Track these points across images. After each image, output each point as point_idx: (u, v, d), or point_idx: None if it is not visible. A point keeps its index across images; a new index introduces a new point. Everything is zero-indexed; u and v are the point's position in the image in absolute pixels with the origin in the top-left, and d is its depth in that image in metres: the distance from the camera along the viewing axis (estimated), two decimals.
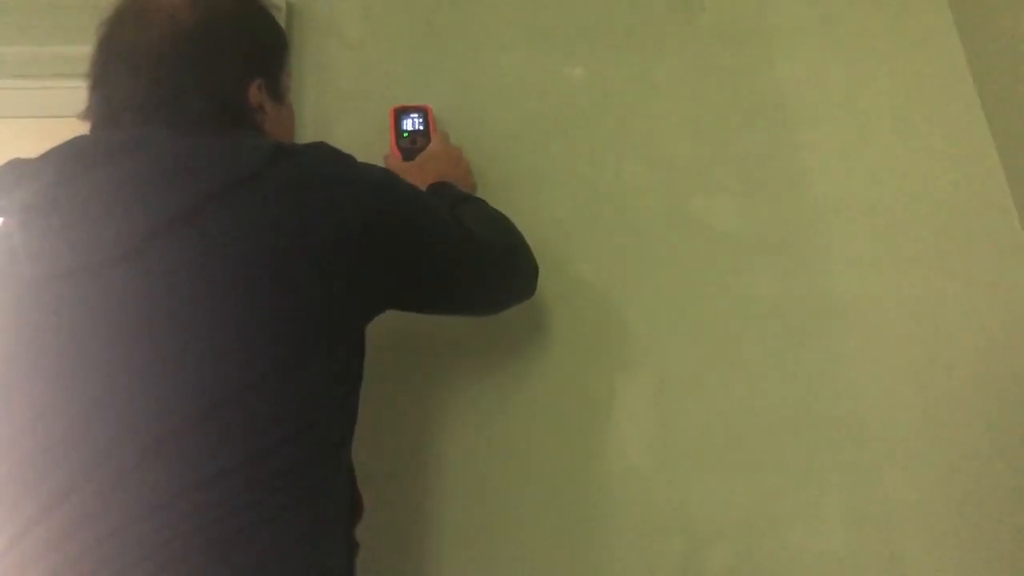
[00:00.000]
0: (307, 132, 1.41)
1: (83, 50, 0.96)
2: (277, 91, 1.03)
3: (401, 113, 1.38)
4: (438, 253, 0.97)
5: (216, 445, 0.76)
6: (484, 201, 1.21)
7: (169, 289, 0.78)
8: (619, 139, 1.46)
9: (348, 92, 1.48)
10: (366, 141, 1.37)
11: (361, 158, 0.93)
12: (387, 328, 1.05)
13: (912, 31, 1.57)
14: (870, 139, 1.49)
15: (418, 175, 1.22)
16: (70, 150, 0.86)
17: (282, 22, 1.33)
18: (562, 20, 1.54)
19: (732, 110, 1.50)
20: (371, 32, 1.52)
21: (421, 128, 1.37)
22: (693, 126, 1.48)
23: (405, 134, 1.36)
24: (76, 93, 0.96)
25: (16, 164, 0.87)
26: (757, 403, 1.31)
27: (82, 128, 0.94)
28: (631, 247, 1.39)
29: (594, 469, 1.27)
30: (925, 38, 1.56)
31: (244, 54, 0.99)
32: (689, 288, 1.37)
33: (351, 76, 1.50)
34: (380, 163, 1.22)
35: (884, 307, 1.38)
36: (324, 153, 0.90)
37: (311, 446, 0.81)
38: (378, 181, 0.91)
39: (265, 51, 1.04)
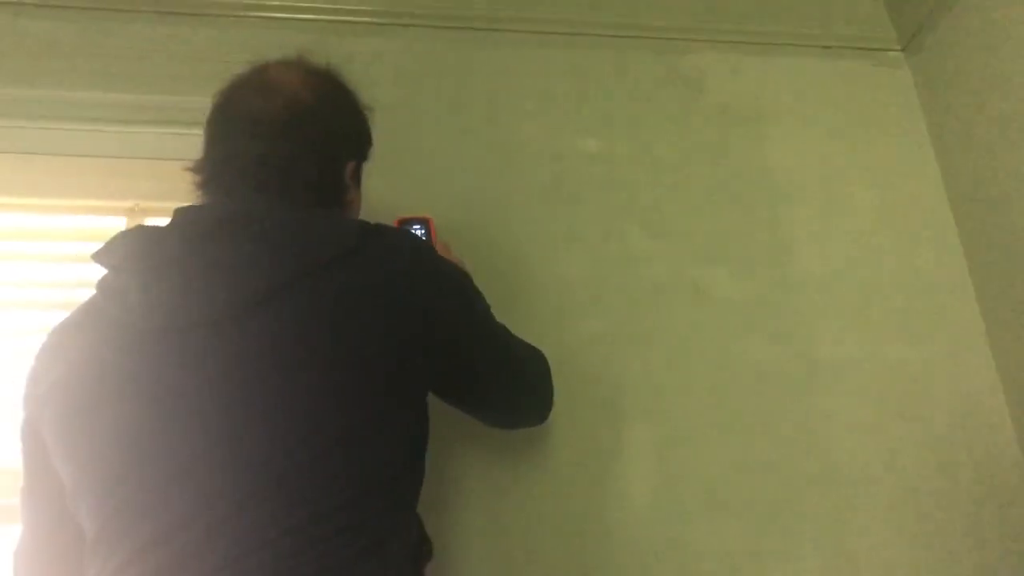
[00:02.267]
0: None
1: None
2: (359, 176, 1.16)
3: (404, 224, 1.34)
4: (490, 352, 1.10)
5: (311, 493, 0.86)
6: None
7: (277, 348, 0.89)
8: (626, 209, 1.61)
9: (377, 152, 1.60)
10: (392, 198, 1.48)
11: (385, 216, 1.05)
12: None
13: (886, 125, 1.76)
14: (846, 220, 1.66)
15: None
16: (194, 220, 0.97)
17: None
18: (578, 94, 1.69)
19: (726, 187, 1.66)
20: (402, 96, 1.64)
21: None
22: (692, 200, 1.64)
23: None
24: None
25: (144, 231, 0.98)
26: (747, 456, 1.45)
27: None
28: (635, 310, 1.53)
29: (599, 513, 1.39)
30: (898, 132, 1.75)
31: (347, 138, 1.13)
32: (689, 349, 1.52)
33: (380, 136, 1.62)
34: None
35: (858, 372, 1.54)
36: (409, 239, 1.02)
37: (393, 496, 0.93)
38: (454, 278, 1.05)
39: (362, 138, 1.16)
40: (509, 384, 1.16)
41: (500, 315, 1.13)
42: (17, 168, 1.55)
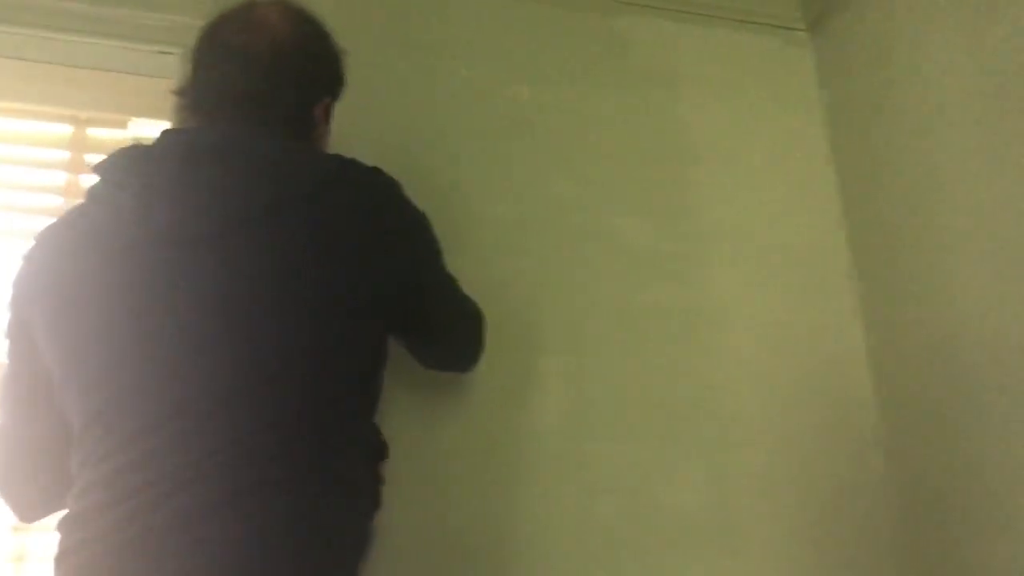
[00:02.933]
0: None
1: None
2: (330, 113, 1.25)
3: None
4: (436, 281, 1.24)
5: (284, 397, 0.98)
6: None
7: (260, 263, 1.00)
8: (553, 157, 1.75)
9: None
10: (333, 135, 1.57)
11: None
12: None
13: (787, 98, 1.95)
14: (745, 182, 1.85)
15: None
16: (188, 143, 1.05)
17: None
18: (517, 43, 1.80)
19: (645, 144, 1.82)
20: (347, 37, 1.71)
21: None
22: (614, 154, 1.79)
23: None
24: None
25: (143, 149, 1.06)
26: (647, 387, 1.64)
27: None
28: (557, 252, 1.69)
29: (517, 429, 1.56)
30: (796, 107, 1.95)
31: (322, 77, 1.22)
32: (603, 290, 1.68)
33: None
34: None
35: (743, 315, 1.75)
36: (384, 182, 1.14)
37: (356, 404, 1.06)
38: (421, 220, 1.19)
39: (336, 79, 1.25)
40: (452, 328, 1.31)
41: (448, 239, 1.26)
42: None
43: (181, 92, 1.17)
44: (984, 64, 1.53)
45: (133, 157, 1.06)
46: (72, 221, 1.09)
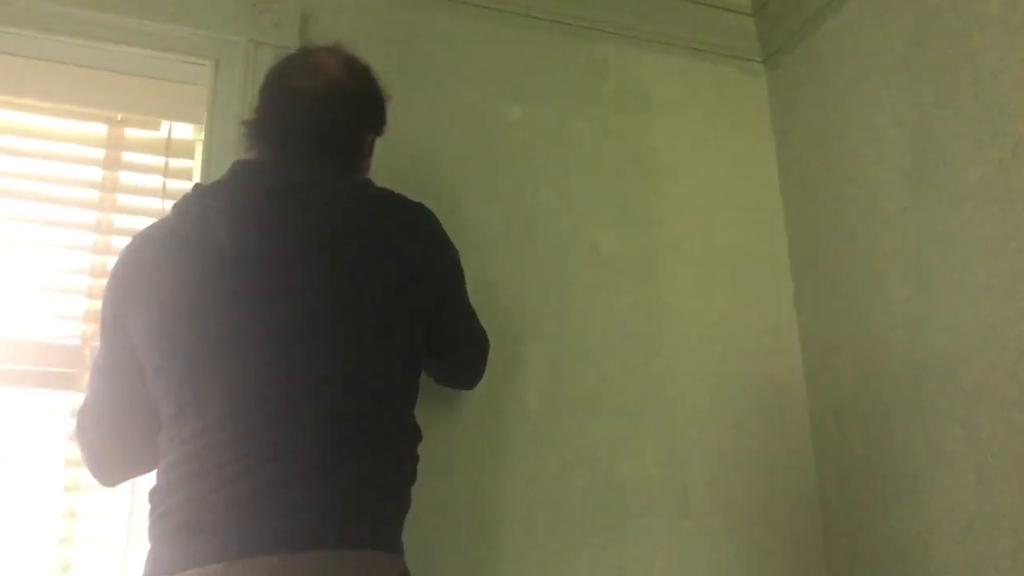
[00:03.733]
0: None
1: None
2: (373, 147, 1.47)
3: None
4: (462, 306, 1.48)
5: (355, 392, 1.20)
6: None
7: (337, 280, 1.22)
8: (539, 171, 1.98)
9: None
10: None
11: None
12: None
13: (742, 124, 2.21)
14: (703, 197, 2.10)
15: None
16: (270, 178, 1.26)
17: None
18: (509, 67, 2.02)
19: (617, 161, 2.06)
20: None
21: None
22: (592, 169, 2.02)
23: None
24: None
25: (227, 182, 1.27)
26: (614, 374, 1.90)
27: None
28: (540, 258, 1.92)
29: (503, 408, 1.79)
30: (750, 131, 2.21)
31: (371, 116, 1.43)
32: (577, 289, 1.92)
33: None
34: None
35: (696, 313, 2.01)
36: (428, 215, 1.37)
37: (406, 400, 1.29)
38: (456, 253, 1.43)
39: (381, 117, 1.46)
40: (464, 348, 1.53)
41: None
42: (9, 70, 1.71)
43: (249, 124, 1.36)
44: (911, 104, 1.80)
45: (225, 188, 1.27)
46: (165, 235, 1.28)
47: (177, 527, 1.14)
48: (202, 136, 1.79)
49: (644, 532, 1.82)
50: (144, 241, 1.30)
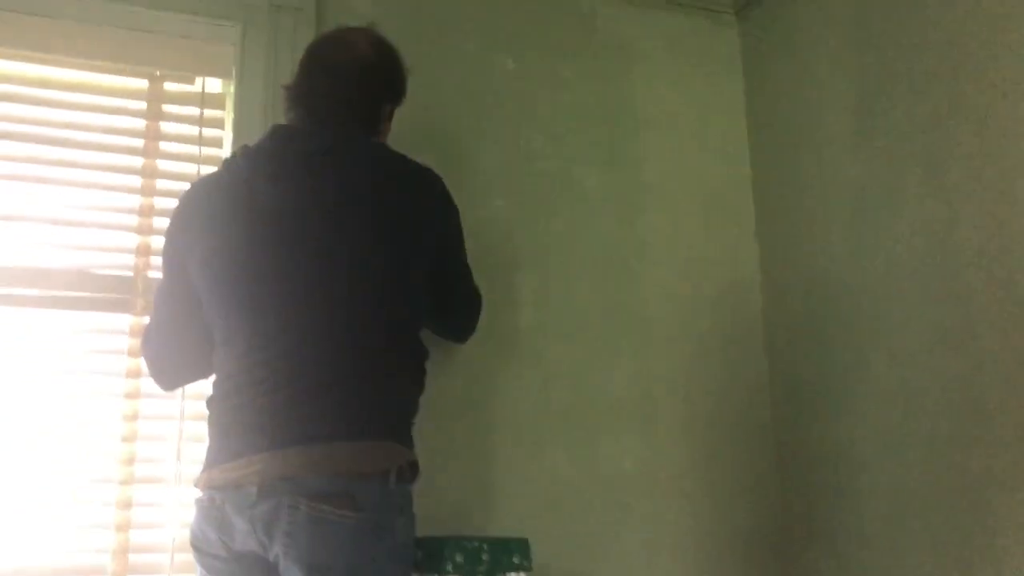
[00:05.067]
0: None
1: None
2: (392, 115, 1.72)
3: None
4: (460, 262, 1.73)
5: (378, 318, 1.47)
6: None
7: (365, 230, 1.48)
8: (531, 117, 2.22)
9: None
10: None
11: None
12: None
13: (715, 72, 2.43)
14: (680, 141, 2.35)
15: None
16: (302, 141, 1.53)
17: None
18: (505, 22, 2.24)
19: (602, 107, 2.30)
20: (369, 14, 2.11)
21: None
22: (580, 114, 2.27)
23: None
24: None
25: (273, 143, 1.53)
26: (593, 300, 2.18)
27: None
28: (528, 192, 2.18)
29: (497, 328, 2.05)
30: (722, 79, 2.44)
31: (391, 88, 1.69)
32: (563, 224, 2.19)
33: None
34: None
35: (667, 248, 2.27)
36: (437, 179, 1.63)
37: (417, 325, 1.57)
38: (458, 214, 1.68)
39: (401, 89, 1.72)
40: (461, 300, 1.78)
41: None
42: (64, 32, 1.94)
43: (289, 88, 1.63)
44: (860, 59, 2.03)
45: (265, 149, 1.53)
46: (216, 187, 1.55)
47: (228, 427, 1.44)
48: (231, 89, 2.04)
49: (615, 436, 2.13)
50: (199, 190, 1.57)
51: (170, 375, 1.65)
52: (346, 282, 1.47)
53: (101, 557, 1.81)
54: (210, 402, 1.50)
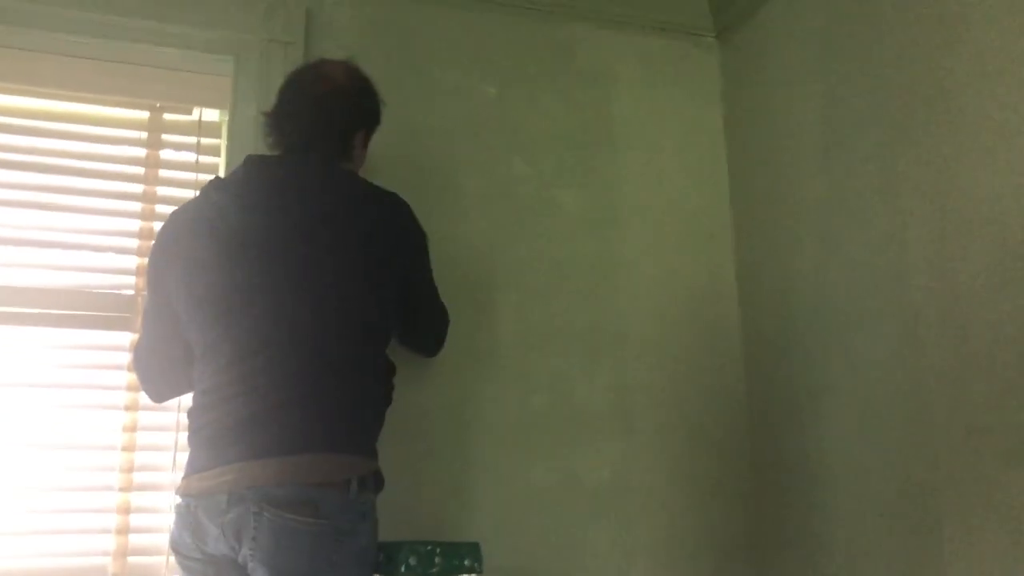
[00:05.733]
0: None
1: None
2: (366, 141, 1.83)
3: None
4: (426, 281, 1.83)
5: (346, 332, 1.59)
6: None
7: (323, 252, 1.59)
8: (512, 142, 2.33)
9: None
10: None
11: None
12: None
13: (694, 94, 2.52)
14: (658, 163, 2.44)
15: None
16: (272, 170, 1.66)
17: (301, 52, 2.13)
18: (487, 51, 2.35)
19: (582, 130, 2.39)
20: (352, 48, 2.23)
21: None
22: (559, 138, 2.37)
23: None
24: None
25: (238, 174, 1.66)
26: (573, 316, 2.28)
27: None
28: (510, 216, 2.28)
29: (478, 344, 2.17)
30: (701, 102, 2.52)
31: (364, 116, 1.81)
32: (543, 244, 2.29)
33: None
34: None
35: (646, 265, 2.36)
36: (402, 203, 1.74)
37: (384, 338, 1.68)
38: (423, 237, 1.79)
39: (373, 117, 1.84)
40: (427, 316, 1.90)
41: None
42: (71, 68, 2.09)
43: (268, 115, 1.77)
44: (826, 81, 2.10)
45: (237, 181, 1.66)
46: (193, 215, 1.67)
47: (208, 438, 1.56)
48: (227, 118, 2.17)
49: (593, 446, 2.22)
50: (177, 218, 1.70)
51: (159, 387, 1.78)
52: (314, 304, 1.58)
53: (102, 559, 1.94)
54: (190, 413, 1.63)
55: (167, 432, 2.02)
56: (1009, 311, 1.61)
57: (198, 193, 1.72)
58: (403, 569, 1.54)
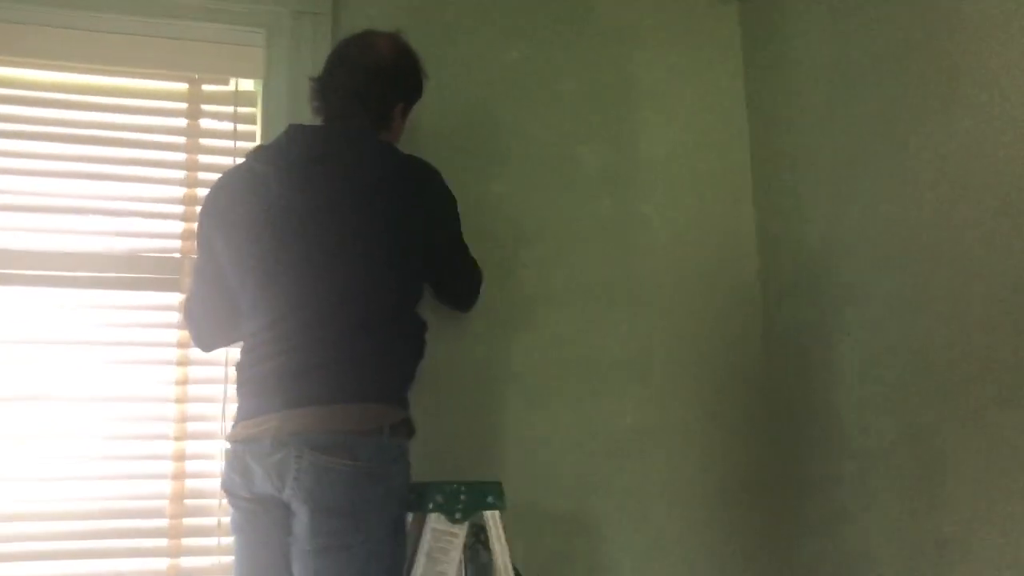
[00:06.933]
0: None
1: None
2: (405, 113, 1.94)
3: None
4: (456, 243, 1.95)
5: (378, 297, 1.71)
6: None
7: (359, 220, 1.71)
8: (532, 101, 2.41)
9: None
10: None
11: None
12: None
13: (713, 49, 2.58)
14: (677, 118, 2.51)
15: None
16: (311, 139, 1.77)
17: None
18: (506, 15, 2.43)
19: (600, 89, 2.47)
20: (385, 21, 2.33)
21: None
22: (579, 96, 2.44)
23: None
24: None
25: (281, 141, 1.78)
26: (593, 269, 2.38)
27: None
28: (532, 173, 2.38)
29: (505, 297, 2.28)
30: (720, 57, 2.58)
31: (404, 87, 1.91)
32: (564, 201, 2.39)
33: None
34: None
35: (665, 220, 2.45)
36: (433, 171, 1.84)
37: (411, 300, 1.80)
38: (454, 203, 1.90)
39: (413, 90, 1.94)
40: (458, 275, 2.01)
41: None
42: (115, 44, 2.22)
43: (317, 79, 1.88)
44: (842, 44, 2.16)
45: (276, 150, 1.78)
46: (236, 181, 1.80)
47: (253, 390, 1.71)
48: (261, 88, 2.28)
49: (615, 394, 2.34)
50: (223, 183, 1.84)
51: (206, 339, 1.94)
52: (346, 270, 1.71)
53: (160, 502, 2.11)
54: (238, 367, 1.77)
55: (216, 384, 2.17)
56: (1009, 261, 1.68)
57: (243, 160, 1.84)
58: (431, 506, 1.67)
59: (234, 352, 2.03)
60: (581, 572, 2.24)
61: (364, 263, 1.71)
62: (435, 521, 1.66)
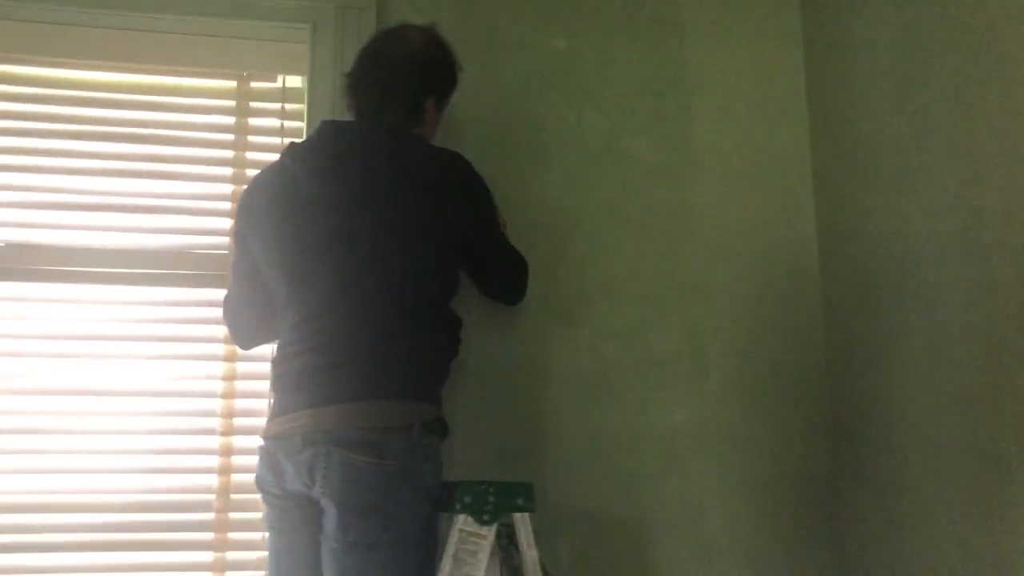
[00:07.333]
0: None
1: None
2: (440, 107, 1.91)
3: None
4: (492, 234, 1.89)
5: (412, 291, 1.69)
6: None
7: (391, 217, 1.68)
8: (582, 93, 2.36)
9: None
10: None
11: None
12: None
13: (770, 34, 2.47)
14: (731, 107, 2.42)
15: None
16: (341, 136, 1.75)
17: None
18: (554, 4, 2.38)
19: (653, 79, 2.40)
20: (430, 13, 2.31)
21: None
22: (629, 88, 2.38)
23: None
24: None
25: (312, 140, 1.77)
26: (645, 263, 2.31)
27: None
28: (582, 167, 2.33)
29: (553, 292, 2.24)
30: (778, 41, 2.48)
31: (437, 81, 1.88)
32: (616, 193, 2.33)
33: None
34: None
35: (721, 212, 2.37)
36: (462, 161, 1.80)
37: (446, 296, 1.78)
38: (490, 197, 1.85)
39: (447, 85, 1.91)
40: (499, 267, 1.96)
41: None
42: (166, 44, 2.26)
43: (348, 75, 1.87)
44: (903, 27, 2.04)
45: (309, 144, 1.77)
46: (270, 180, 1.79)
47: (284, 387, 1.70)
48: (307, 84, 2.28)
49: (666, 391, 2.27)
50: (257, 182, 1.83)
51: (245, 337, 1.94)
52: (376, 269, 1.68)
53: (207, 496, 2.13)
54: (273, 364, 1.77)
55: (264, 380, 2.17)
56: None
57: (279, 156, 1.83)
58: (458, 507, 1.64)
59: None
60: None
61: (394, 259, 1.69)
62: (463, 522, 1.62)
